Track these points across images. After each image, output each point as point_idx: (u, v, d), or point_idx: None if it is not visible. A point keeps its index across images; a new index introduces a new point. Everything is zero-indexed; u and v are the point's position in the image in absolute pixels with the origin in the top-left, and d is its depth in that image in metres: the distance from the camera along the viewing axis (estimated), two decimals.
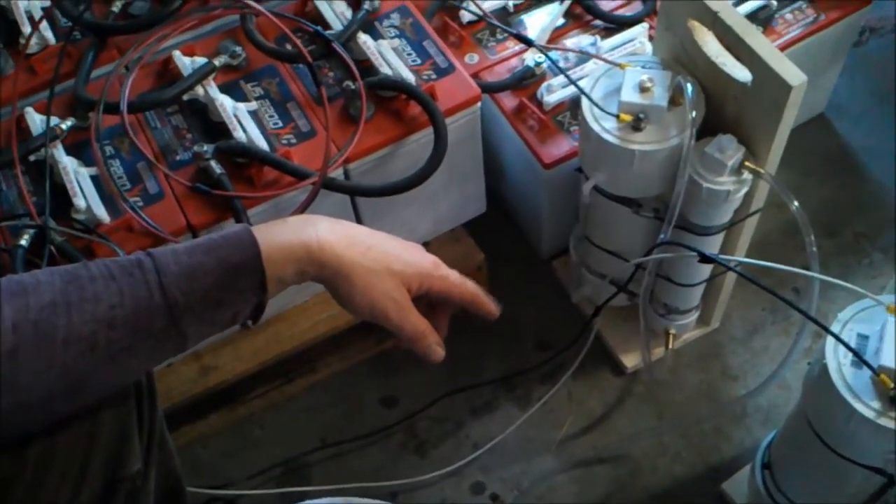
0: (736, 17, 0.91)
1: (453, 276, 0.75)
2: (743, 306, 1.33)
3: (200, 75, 1.06)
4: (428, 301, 0.75)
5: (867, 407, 0.76)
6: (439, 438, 1.26)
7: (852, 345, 0.78)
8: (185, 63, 1.08)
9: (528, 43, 1.13)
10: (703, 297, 1.22)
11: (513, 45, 1.24)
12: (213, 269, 0.63)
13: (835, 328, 0.79)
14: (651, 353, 1.24)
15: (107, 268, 0.62)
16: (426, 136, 1.06)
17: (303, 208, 1.00)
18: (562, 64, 1.19)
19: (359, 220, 1.15)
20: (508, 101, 1.20)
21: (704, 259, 0.88)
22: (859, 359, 0.77)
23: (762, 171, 0.93)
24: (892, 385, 0.75)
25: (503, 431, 1.24)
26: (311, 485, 1.21)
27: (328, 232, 0.68)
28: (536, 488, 1.21)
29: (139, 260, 0.63)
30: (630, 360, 1.28)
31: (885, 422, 0.75)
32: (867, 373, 0.77)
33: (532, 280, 1.38)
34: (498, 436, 1.24)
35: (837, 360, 0.79)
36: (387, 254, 0.70)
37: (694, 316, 1.24)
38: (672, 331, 1.24)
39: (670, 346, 1.25)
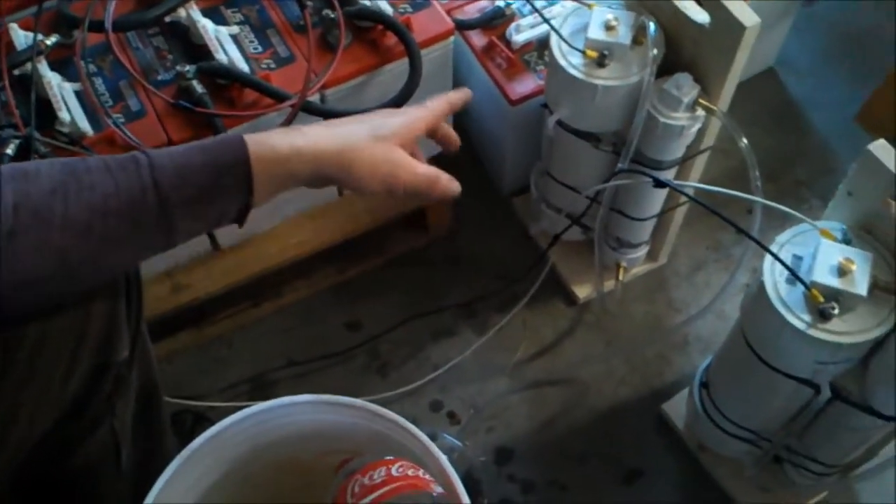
0: None
1: (429, 111, 0.82)
2: (688, 244, 1.41)
3: None
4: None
5: (799, 319, 0.84)
6: (400, 360, 1.33)
7: (788, 264, 0.86)
8: None
9: None
10: (652, 234, 1.29)
11: None
12: (205, 167, 0.67)
13: (773, 248, 0.87)
14: (602, 285, 1.32)
15: (104, 161, 0.65)
16: (400, 66, 1.11)
17: None
18: (533, 4, 1.24)
19: None
20: (478, 39, 1.26)
21: (659, 184, 0.95)
22: (794, 275, 0.84)
23: (714, 108, 1.00)
24: (822, 299, 0.83)
25: (461, 354, 1.31)
26: None
27: (315, 134, 0.73)
28: (491, 407, 1.28)
29: (135, 156, 0.66)
30: (582, 291, 1.36)
31: (815, 333, 0.83)
32: (800, 289, 0.85)
33: (493, 215, 1.45)
34: (456, 358, 1.31)
35: (773, 278, 0.86)
36: (372, 127, 0.75)
37: (644, 250, 1.32)
38: (623, 264, 1.31)
39: (620, 279, 1.32)
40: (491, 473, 1.23)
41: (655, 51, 0.99)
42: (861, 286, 0.82)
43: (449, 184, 0.81)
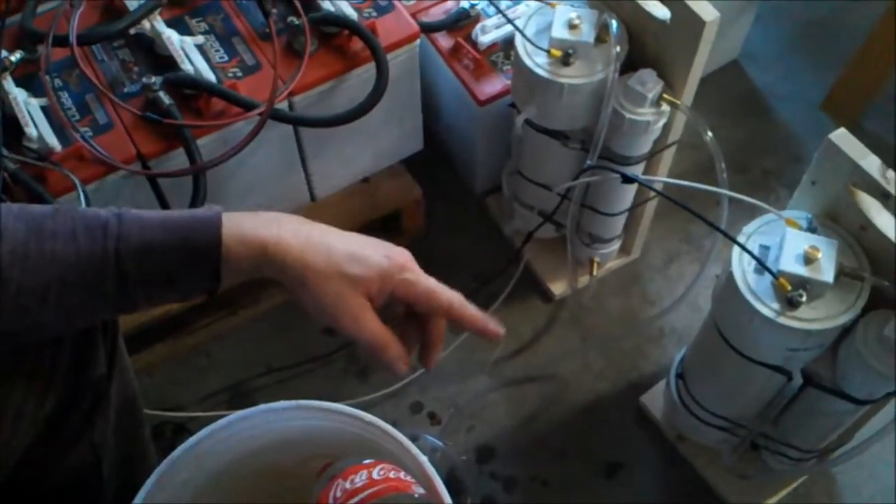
0: None
1: (422, 281, 0.70)
2: (661, 237, 1.42)
3: (146, 10, 1.08)
4: (408, 308, 0.72)
5: (768, 308, 0.85)
6: (380, 363, 1.33)
7: (755, 254, 0.87)
8: None
9: None
10: (624, 228, 1.31)
11: None
12: (172, 249, 0.64)
13: (740, 239, 0.88)
14: (577, 281, 1.33)
15: (73, 223, 0.63)
16: (367, 71, 1.11)
17: (250, 138, 1.04)
18: (497, 5, 1.25)
19: (301, 154, 1.20)
20: (444, 41, 1.26)
21: (626, 180, 0.96)
22: (761, 265, 0.86)
23: (679, 102, 1.02)
24: (789, 288, 0.84)
25: (440, 354, 1.31)
26: None
27: (290, 233, 0.66)
28: (471, 406, 1.29)
29: (107, 222, 0.63)
30: (557, 288, 1.37)
31: (784, 321, 0.85)
32: (768, 278, 0.86)
33: (466, 216, 1.46)
34: None
35: (742, 268, 0.88)
36: (346, 255, 0.67)
37: (616, 245, 1.33)
38: (596, 259, 1.32)
39: (594, 274, 1.34)
40: (473, 472, 1.24)
41: (619, 48, 1.00)
42: (827, 273, 0.83)
43: (396, 361, 0.70)
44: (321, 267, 0.66)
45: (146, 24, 1.09)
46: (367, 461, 0.83)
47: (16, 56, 1.05)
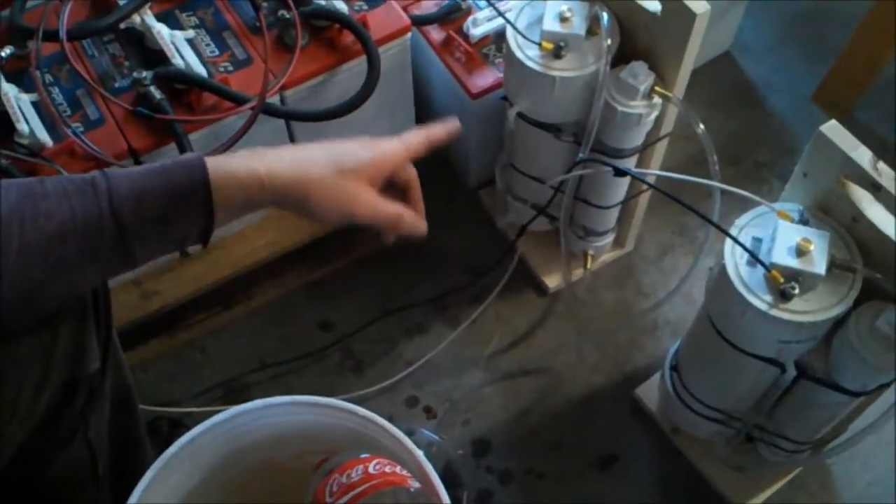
0: None
1: (403, 147, 0.77)
2: (654, 230, 1.42)
3: (137, 4, 1.08)
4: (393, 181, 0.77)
5: (761, 300, 0.85)
6: (374, 357, 1.33)
7: (748, 246, 0.87)
8: None
9: None
10: (618, 221, 1.31)
11: None
12: (163, 192, 0.66)
13: (732, 232, 0.88)
14: (571, 274, 1.33)
15: (62, 185, 0.64)
16: (359, 65, 1.11)
17: (242, 133, 1.04)
18: None
19: None
20: (436, 34, 1.26)
21: (619, 173, 0.96)
22: (754, 258, 0.86)
23: (670, 95, 1.02)
24: (781, 280, 0.84)
25: (434, 349, 1.32)
26: None
27: (275, 160, 0.70)
28: (466, 400, 1.29)
29: (94, 179, 0.65)
30: (552, 281, 1.37)
31: (777, 313, 0.85)
32: (760, 270, 0.86)
33: (460, 209, 1.45)
34: (429, 353, 1.31)
35: (734, 261, 0.88)
36: (332, 155, 0.72)
37: (610, 238, 1.33)
38: (590, 252, 1.33)
39: (588, 267, 1.34)
40: (469, 466, 1.24)
41: (609, 41, 1.00)
42: (819, 265, 0.84)
43: (413, 223, 0.78)
44: (319, 175, 0.70)
45: (136, 18, 1.08)
46: (363, 456, 0.83)
47: (5, 52, 1.05)
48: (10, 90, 1.03)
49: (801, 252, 0.84)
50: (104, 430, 0.87)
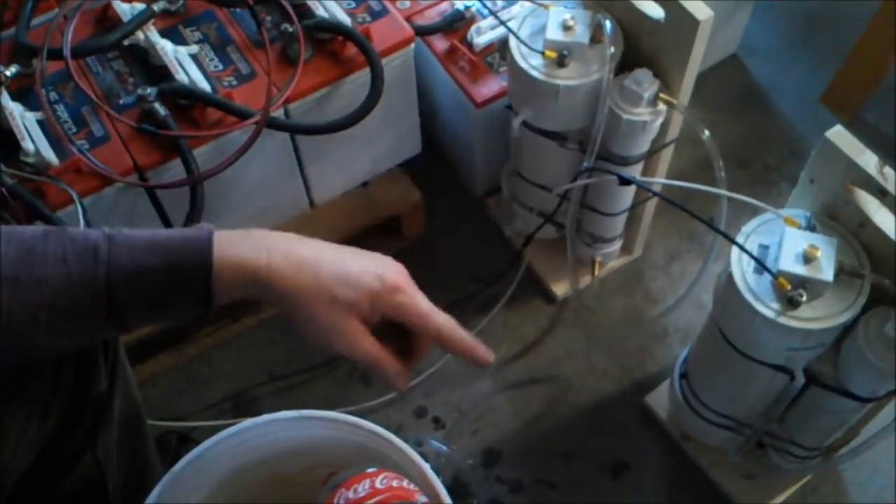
0: None
1: (413, 304, 0.69)
2: (662, 235, 1.42)
3: (140, 20, 1.08)
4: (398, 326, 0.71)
5: (768, 308, 0.85)
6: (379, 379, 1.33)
7: (754, 254, 0.86)
8: (124, 9, 1.10)
9: None
10: (625, 227, 1.30)
11: None
12: (163, 273, 0.63)
13: (739, 240, 0.88)
14: (579, 281, 1.33)
15: (63, 248, 0.62)
16: (363, 76, 1.11)
17: (246, 147, 1.04)
18: (490, 7, 1.24)
19: (299, 161, 1.19)
20: (440, 43, 1.26)
21: (624, 182, 0.96)
22: (761, 265, 0.85)
23: (675, 101, 1.01)
24: (789, 287, 0.84)
25: (442, 359, 1.31)
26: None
27: (281, 257, 0.66)
28: (475, 409, 1.29)
29: (97, 246, 0.63)
30: (559, 289, 1.37)
31: (785, 321, 0.84)
32: (768, 278, 0.85)
33: (467, 217, 1.45)
34: (438, 363, 1.31)
35: (741, 269, 0.87)
36: (335, 277, 0.66)
37: (618, 244, 1.32)
38: (598, 259, 1.32)
39: (596, 274, 1.33)
40: (479, 476, 1.24)
41: (613, 48, 1.00)
42: (827, 272, 0.83)
43: (392, 378, 0.71)
44: (312, 292, 0.65)
45: (140, 34, 1.09)
46: (371, 470, 0.83)
47: (11, 70, 1.06)
48: (16, 108, 1.03)
49: (808, 259, 0.84)
50: (112, 447, 0.87)
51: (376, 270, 0.68)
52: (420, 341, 0.73)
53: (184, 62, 1.07)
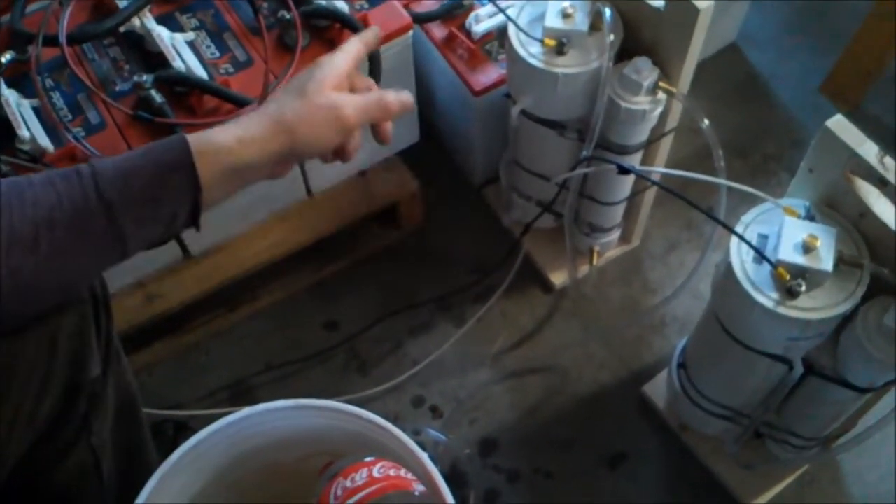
0: None
1: (344, 52, 0.76)
2: (661, 225, 1.41)
3: (136, 7, 1.07)
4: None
5: (767, 298, 0.84)
6: (380, 357, 1.33)
7: (754, 243, 0.86)
8: None
9: None
10: (624, 216, 1.30)
11: None
12: (147, 169, 0.65)
13: (738, 229, 0.87)
14: (577, 271, 1.33)
15: (47, 175, 0.64)
16: (360, 64, 1.10)
17: None
18: None
19: None
20: (438, 31, 1.25)
21: (623, 171, 0.95)
22: (760, 255, 0.85)
23: (675, 90, 1.01)
24: (788, 277, 0.83)
25: (440, 348, 1.31)
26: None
27: (246, 118, 0.71)
28: (473, 399, 1.29)
29: (78, 167, 0.65)
30: (557, 278, 1.36)
31: (784, 311, 0.84)
32: (767, 268, 0.85)
33: (465, 207, 1.45)
34: (435, 352, 1.31)
35: (740, 258, 0.87)
36: (295, 87, 0.72)
37: (616, 234, 1.32)
38: (596, 248, 1.32)
39: (594, 264, 1.33)
40: (476, 465, 1.24)
41: (612, 36, 0.99)
42: (826, 262, 0.83)
43: (398, 97, 0.76)
44: (291, 107, 0.71)
45: (136, 21, 1.08)
46: (368, 459, 0.83)
47: (6, 57, 1.04)
48: (11, 96, 1.02)
49: (807, 249, 0.83)
50: (108, 435, 0.87)
51: (305, 70, 0.74)
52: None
53: (180, 49, 1.07)
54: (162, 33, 1.07)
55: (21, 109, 1.02)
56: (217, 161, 0.67)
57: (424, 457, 0.82)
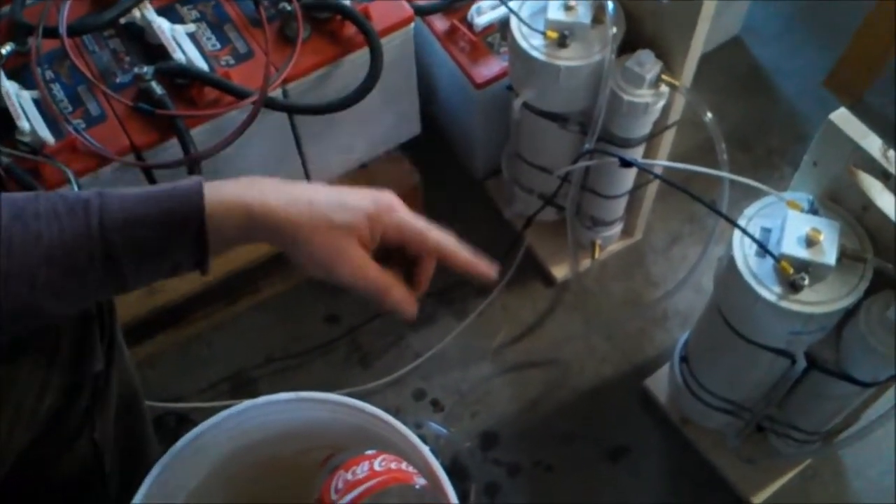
0: None
1: (412, 220, 0.69)
2: (663, 218, 1.41)
3: None
4: (402, 254, 0.71)
5: (770, 292, 0.84)
6: (381, 350, 1.32)
7: (757, 237, 0.86)
8: None
9: None
10: (626, 210, 1.29)
11: None
12: (155, 220, 0.62)
13: (741, 222, 0.87)
14: (579, 264, 1.32)
15: (54, 204, 0.62)
16: (362, 56, 1.10)
17: (244, 127, 1.03)
18: None
19: (297, 142, 1.18)
20: (440, 23, 1.25)
21: (625, 164, 0.95)
22: (763, 248, 0.85)
23: (677, 83, 1.00)
24: (791, 271, 0.83)
25: (441, 341, 1.31)
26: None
27: (272, 193, 0.65)
28: (474, 392, 1.29)
29: (88, 200, 0.62)
30: (559, 272, 1.36)
31: (787, 305, 0.84)
32: (770, 261, 0.85)
33: (466, 199, 1.44)
34: (437, 345, 1.30)
35: (743, 252, 0.87)
36: (330, 203, 0.65)
37: (618, 227, 1.32)
38: (598, 242, 1.31)
39: (596, 257, 1.33)
40: (477, 458, 1.23)
41: (615, 29, 0.99)
42: (829, 256, 0.82)
43: (402, 303, 0.69)
44: (308, 221, 0.64)
45: (137, 13, 1.07)
46: (369, 452, 0.82)
47: (6, 49, 1.04)
48: (11, 87, 1.02)
49: (810, 242, 0.83)
50: (110, 429, 0.87)
51: (370, 194, 0.68)
52: (423, 264, 0.71)
53: (181, 41, 1.06)
54: (162, 25, 1.06)
55: (21, 101, 1.02)
56: (224, 226, 0.63)
57: (426, 450, 0.82)
